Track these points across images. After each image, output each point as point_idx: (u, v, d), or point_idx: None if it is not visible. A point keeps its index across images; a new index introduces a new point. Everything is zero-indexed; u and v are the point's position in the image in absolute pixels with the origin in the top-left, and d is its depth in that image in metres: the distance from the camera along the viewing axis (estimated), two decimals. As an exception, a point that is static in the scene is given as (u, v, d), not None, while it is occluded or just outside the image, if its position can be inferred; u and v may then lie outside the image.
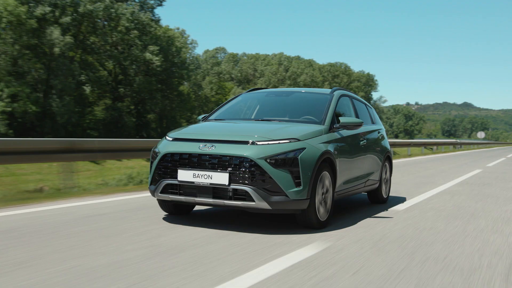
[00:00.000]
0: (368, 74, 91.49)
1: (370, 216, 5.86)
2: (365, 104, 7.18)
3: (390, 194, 8.09)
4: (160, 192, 4.83)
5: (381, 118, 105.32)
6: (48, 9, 32.74)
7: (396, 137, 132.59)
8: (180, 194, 4.71)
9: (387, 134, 8.40)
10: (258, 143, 4.58)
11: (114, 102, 40.55)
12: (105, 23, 37.34)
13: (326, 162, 4.96)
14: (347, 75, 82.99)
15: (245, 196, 4.44)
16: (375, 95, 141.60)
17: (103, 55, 37.85)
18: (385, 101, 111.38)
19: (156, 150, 5.00)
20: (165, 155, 4.79)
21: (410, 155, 26.32)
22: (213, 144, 4.63)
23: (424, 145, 33.70)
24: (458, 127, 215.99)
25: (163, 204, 5.34)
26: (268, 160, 4.45)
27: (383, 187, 7.05)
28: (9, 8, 29.28)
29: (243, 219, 5.37)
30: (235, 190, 4.46)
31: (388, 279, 3.28)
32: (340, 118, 5.57)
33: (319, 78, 75.40)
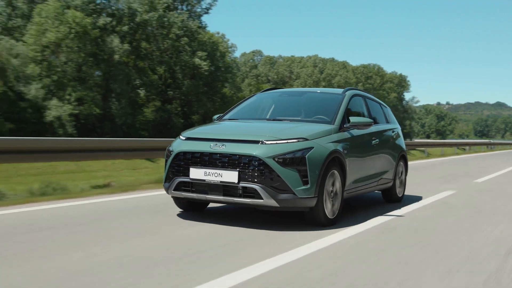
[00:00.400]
0: (400, 75, 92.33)
1: (460, 187, 9.38)
2: (380, 104, 7.22)
3: (468, 175, 12.39)
4: (174, 190, 4.96)
5: (413, 119, 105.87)
6: (108, 19, 35.69)
7: (428, 137, 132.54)
8: (192, 192, 4.83)
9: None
10: (267, 142, 4.67)
11: (163, 104, 43.36)
12: (154, 29, 40.13)
13: (335, 161, 5.06)
14: (380, 76, 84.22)
15: (254, 194, 4.54)
16: (407, 96, 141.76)
17: (155, 60, 40.62)
18: (417, 101, 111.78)
19: (170, 148, 5.13)
20: (178, 154, 4.94)
21: (466, 152, 28.56)
22: (224, 143, 4.75)
23: (468, 145, 35.64)
24: (491, 127, 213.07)
25: (177, 201, 5.43)
26: (276, 159, 4.55)
27: (398, 186, 7.10)
28: (77, 20, 32.24)
29: (258, 216, 5.52)
30: (244, 188, 4.56)
31: (494, 200, 7.61)
32: (350, 117, 5.61)
33: (353, 79, 77.01)
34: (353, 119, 5.56)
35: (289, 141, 4.73)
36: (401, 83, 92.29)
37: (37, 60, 32.26)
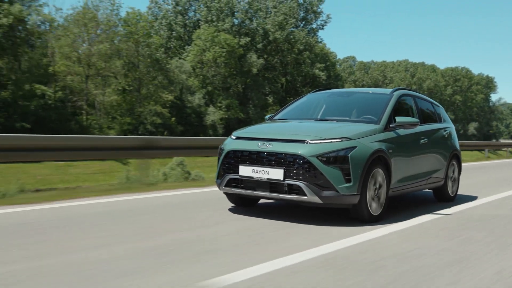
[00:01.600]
0: (487, 76, 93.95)
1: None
2: (432, 103, 7.24)
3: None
4: (225, 186, 5.21)
5: (498, 119, 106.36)
6: (248, 39, 42.80)
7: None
8: (241, 188, 5.08)
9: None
10: (311, 142, 4.85)
11: (282, 108, 50.13)
12: (281, 45, 46.77)
13: (379, 160, 5.14)
14: (468, 78, 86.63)
15: (298, 191, 4.74)
16: (493, 97, 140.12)
17: (281, 71, 47.42)
18: (504, 103, 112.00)
19: (222, 147, 5.37)
20: (229, 152, 5.18)
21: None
22: (271, 142, 4.96)
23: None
24: None
25: (229, 196, 5.67)
26: (320, 158, 4.72)
27: (449, 185, 7.03)
28: (227, 41, 39.50)
29: (311, 212, 5.65)
30: (289, 185, 4.77)
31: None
32: (396, 117, 5.65)
33: (442, 82, 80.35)
34: (399, 118, 5.64)
35: (332, 140, 4.88)
36: (488, 84, 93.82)
37: (195, 74, 39.84)
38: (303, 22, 49.35)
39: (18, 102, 27.81)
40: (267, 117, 6.57)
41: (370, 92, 6.61)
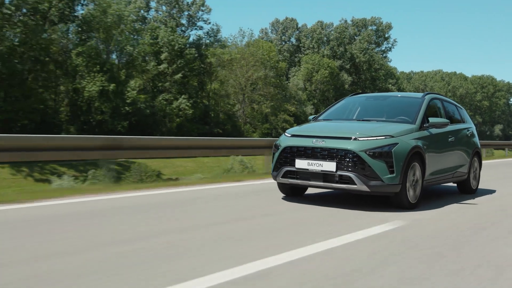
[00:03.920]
0: (508, 83, 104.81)
1: None
2: (456, 106, 7.96)
3: None
4: (281, 177, 5.94)
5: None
6: (339, 61, 54.50)
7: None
8: (297, 179, 5.80)
9: None
10: (360, 139, 5.55)
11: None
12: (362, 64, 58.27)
13: (416, 155, 5.85)
14: (493, 85, 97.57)
15: (349, 181, 5.44)
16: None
17: (360, 86, 59.15)
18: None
19: (278, 144, 6.13)
20: (285, 148, 5.93)
21: None
22: (323, 139, 5.68)
23: None
24: None
25: (282, 186, 6.46)
26: (368, 152, 5.42)
27: (472, 179, 7.75)
28: (330, 65, 51.19)
29: (345, 200, 6.47)
30: (340, 175, 5.47)
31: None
32: (429, 118, 6.42)
33: (472, 90, 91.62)
34: (431, 119, 6.42)
35: (378, 137, 5.57)
36: (510, 90, 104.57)
37: (304, 90, 51.51)
38: (374, 45, 60.97)
39: (210, 114, 39.42)
40: (311, 117, 7.30)
41: (400, 95, 7.53)
